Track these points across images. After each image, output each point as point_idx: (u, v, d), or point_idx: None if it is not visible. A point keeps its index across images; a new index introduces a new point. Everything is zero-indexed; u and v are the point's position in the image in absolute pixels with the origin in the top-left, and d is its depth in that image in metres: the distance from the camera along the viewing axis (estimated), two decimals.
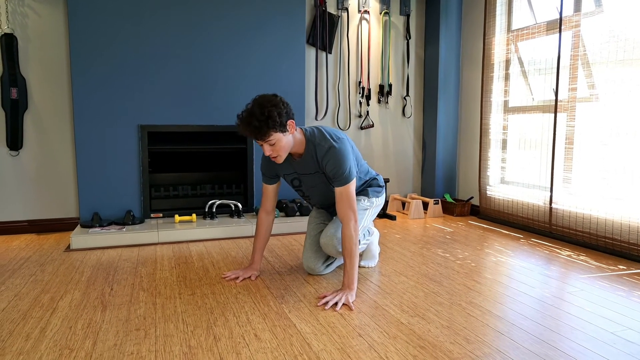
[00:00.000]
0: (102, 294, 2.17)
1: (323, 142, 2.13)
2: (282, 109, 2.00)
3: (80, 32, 3.28)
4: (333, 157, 2.11)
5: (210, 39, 3.58)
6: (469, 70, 4.27)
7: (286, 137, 2.07)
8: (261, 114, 1.96)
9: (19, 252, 2.93)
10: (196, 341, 1.69)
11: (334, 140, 2.13)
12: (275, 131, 2.00)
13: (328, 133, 2.17)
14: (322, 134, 2.16)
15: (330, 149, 2.11)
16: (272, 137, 2.01)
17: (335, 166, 2.11)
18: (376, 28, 4.31)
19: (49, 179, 3.51)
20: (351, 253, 2.10)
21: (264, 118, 1.96)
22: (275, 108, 1.98)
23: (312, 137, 2.16)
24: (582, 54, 3.13)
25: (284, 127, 2.03)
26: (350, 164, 2.12)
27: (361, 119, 4.35)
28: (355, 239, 2.10)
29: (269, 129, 1.98)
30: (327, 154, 2.12)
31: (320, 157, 2.15)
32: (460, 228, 3.69)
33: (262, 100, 2.00)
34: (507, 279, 2.42)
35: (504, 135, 3.89)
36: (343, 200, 2.12)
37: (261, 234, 2.42)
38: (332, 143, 2.12)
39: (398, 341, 1.70)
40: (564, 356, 1.59)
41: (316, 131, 2.18)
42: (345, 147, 2.13)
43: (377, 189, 2.47)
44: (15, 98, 3.32)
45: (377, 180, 2.49)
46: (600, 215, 3.02)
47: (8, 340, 1.70)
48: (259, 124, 1.96)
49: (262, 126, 1.97)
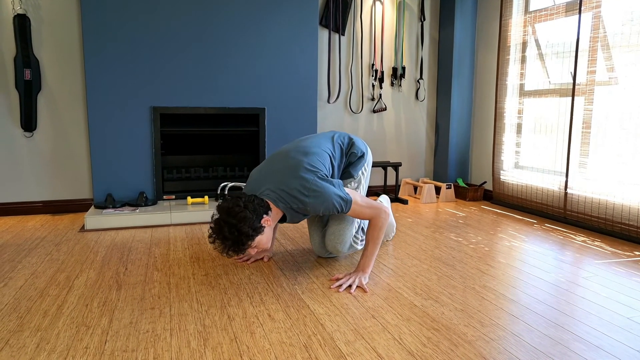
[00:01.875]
0: (116, 274, 2.20)
1: (303, 204, 1.96)
2: (250, 217, 1.86)
3: (93, 13, 3.26)
4: (325, 209, 1.98)
5: (223, 20, 3.54)
6: (484, 52, 4.20)
7: (265, 233, 1.95)
8: (231, 233, 1.84)
9: (34, 232, 2.97)
10: (210, 320, 1.71)
11: (309, 197, 1.95)
12: (252, 240, 1.90)
13: (299, 192, 1.95)
14: (294, 198, 1.96)
15: (317, 206, 1.96)
16: (252, 245, 1.91)
17: (332, 209, 1.99)
18: (390, 9, 4.24)
19: (62, 160, 3.54)
20: (375, 240, 2.09)
21: (235, 236, 1.85)
22: (244, 221, 1.85)
23: (287, 204, 1.99)
24: (602, 35, 3.06)
25: (260, 229, 1.91)
26: (338, 198, 1.97)
27: (374, 102, 4.31)
28: (382, 228, 2.08)
29: (245, 242, 1.87)
30: (318, 210, 1.98)
31: (310, 212, 2.01)
32: (472, 213, 3.67)
33: (226, 217, 1.86)
34: (521, 264, 2.40)
35: (519, 119, 3.83)
36: (360, 213, 2.05)
37: None
38: (312, 201, 1.95)
39: (412, 323, 1.70)
40: (579, 340, 1.58)
41: (284, 195, 1.98)
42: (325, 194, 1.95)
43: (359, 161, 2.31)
44: (28, 79, 3.33)
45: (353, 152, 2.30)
46: (617, 201, 2.97)
47: (26, 316, 1.73)
48: (233, 244, 1.86)
49: (238, 243, 1.86)
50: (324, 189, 1.96)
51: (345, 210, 2.02)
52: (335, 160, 2.22)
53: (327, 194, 1.96)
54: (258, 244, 1.94)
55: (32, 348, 1.50)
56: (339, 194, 1.99)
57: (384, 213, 2.08)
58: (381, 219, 2.08)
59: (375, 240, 2.10)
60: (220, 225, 1.86)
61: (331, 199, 1.96)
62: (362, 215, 2.07)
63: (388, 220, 2.10)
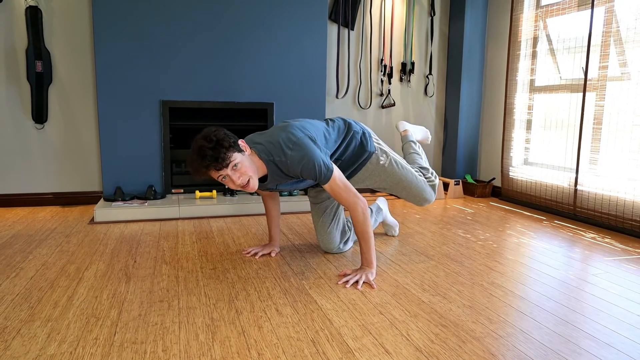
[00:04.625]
0: (125, 266, 2.21)
1: (283, 157, 1.95)
2: (226, 133, 1.88)
3: (104, 6, 3.27)
4: (303, 166, 1.94)
5: (232, 14, 3.54)
6: (494, 48, 4.16)
7: (246, 157, 1.92)
8: (209, 142, 1.83)
9: (45, 223, 3.00)
10: (218, 314, 1.72)
11: (291, 149, 1.94)
12: (232, 151, 1.86)
13: (282, 143, 1.96)
14: (277, 148, 1.96)
15: (295, 160, 1.94)
16: (232, 158, 1.86)
17: (310, 172, 1.94)
18: (400, 4, 4.21)
19: (73, 152, 3.56)
20: (365, 235, 2.05)
21: (214, 144, 1.83)
22: (219, 132, 1.86)
23: (270, 157, 1.97)
24: (614, 30, 3.02)
25: (238, 146, 1.90)
26: (320, 161, 1.94)
27: (382, 98, 4.29)
28: (367, 221, 2.03)
29: (226, 150, 1.84)
30: (296, 166, 1.94)
31: (290, 171, 1.99)
32: (481, 209, 3.65)
33: (202, 134, 1.88)
34: (530, 260, 2.39)
35: (528, 115, 3.80)
36: (338, 193, 2.00)
37: (271, 213, 2.44)
38: (292, 154, 1.93)
39: (419, 319, 1.70)
40: (588, 337, 1.57)
41: (270, 148, 1.98)
42: (307, 149, 1.94)
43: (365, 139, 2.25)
44: (40, 71, 3.35)
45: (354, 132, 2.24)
46: (628, 198, 2.95)
47: (37, 307, 1.75)
48: (212, 152, 1.82)
49: (217, 150, 1.82)
50: (308, 147, 1.94)
51: (324, 179, 1.96)
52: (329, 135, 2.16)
53: (311, 152, 1.93)
54: (241, 165, 1.88)
55: (43, 338, 1.52)
56: (323, 159, 1.95)
57: (362, 205, 2.01)
58: (359, 211, 2.01)
59: (364, 235, 2.05)
60: (197, 142, 1.85)
61: (313, 159, 1.92)
62: (340, 195, 2.00)
63: (368, 215, 2.03)
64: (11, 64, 3.34)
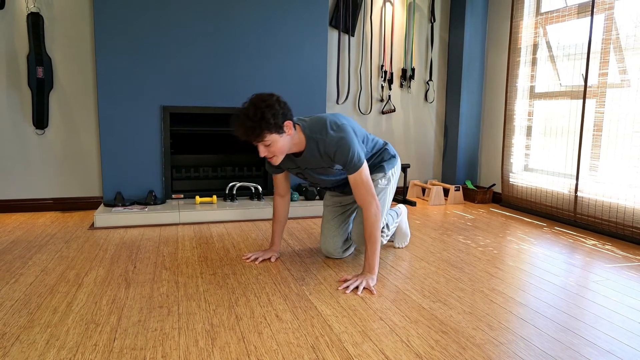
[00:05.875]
0: (125, 272, 2.21)
1: (325, 135, 2.04)
2: (277, 110, 1.92)
3: (105, 13, 3.29)
4: (339, 148, 2.02)
5: (233, 20, 3.55)
6: (494, 54, 4.18)
7: (283, 138, 1.97)
8: (254, 114, 1.89)
9: (44, 228, 3.00)
10: (218, 320, 1.71)
11: (334, 130, 2.04)
12: (269, 132, 1.92)
13: (327, 123, 2.06)
14: (321, 126, 2.05)
15: (333, 140, 2.02)
16: (266, 138, 1.93)
17: (343, 156, 2.02)
18: (400, 10, 4.23)
19: (73, 158, 3.57)
20: (373, 238, 2.08)
21: (257, 119, 1.89)
22: (270, 109, 1.90)
23: (312, 134, 2.05)
24: (614, 38, 3.03)
25: (280, 129, 1.95)
26: (356, 149, 2.03)
27: (383, 104, 4.30)
28: (377, 223, 2.07)
29: (262, 130, 1.90)
30: (332, 146, 2.03)
31: (325, 151, 2.06)
32: (481, 215, 3.65)
33: (257, 100, 1.93)
34: (530, 267, 2.38)
35: (529, 121, 3.81)
36: (359, 187, 2.06)
37: (278, 217, 2.43)
38: (333, 135, 2.03)
39: (420, 326, 1.69)
40: (589, 345, 1.57)
41: (314, 125, 2.07)
42: (347, 134, 2.04)
43: (391, 161, 2.38)
44: (41, 77, 3.36)
45: (387, 150, 2.39)
46: (628, 204, 2.94)
47: (36, 312, 1.75)
48: (252, 124, 1.89)
49: (255, 127, 1.89)
50: (349, 134, 2.04)
51: (352, 168, 2.03)
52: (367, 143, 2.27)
53: (350, 138, 2.03)
54: (273, 143, 1.95)
55: (42, 344, 1.51)
56: (358, 149, 2.04)
57: (376, 206, 2.06)
58: (372, 210, 2.05)
59: (371, 237, 2.07)
60: (248, 105, 1.93)
61: (350, 144, 2.01)
62: (360, 189, 2.05)
63: (380, 218, 2.07)
64: (12, 69, 3.36)
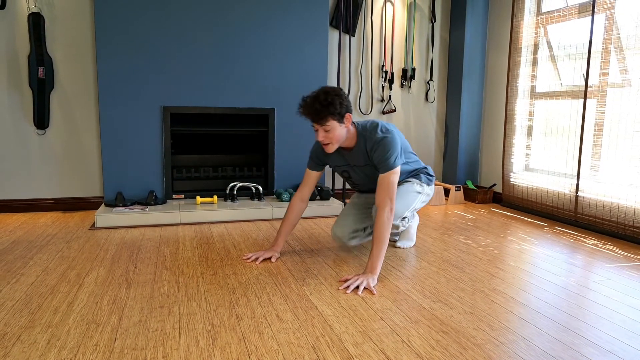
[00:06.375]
0: (126, 272, 2.21)
1: (372, 134, 2.26)
2: (344, 101, 2.15)
3: (106, 12, 3.29)
4: (380, 146, 2.22)
5: (234, 21, 3.56)
6: (495, 54, 4.18)
7: (341, 127, 2.18)
8: (324, 99, 2.10)
9: (45, 229, 3.00)
10: (219, 320, 1.71)
11: (382, 132, 2.25)
12: (333, 118, 2.13)
13: (379, 126, 2.28)
14: (373, 127, 2.28)
15: (378, 139, 2.23)
16: (329, 123, 2.13)
17: (381, 153, 2.21)
18: (401, 10, 4.23)
19: (74, 158, 3.57)
20: (381, 238, 2.11)
21: (326, 103, 2.10)
22: (338, 97, 2.13)
23: (364, 131, 2.28)
24: (615, 37, 3.03)
25: (342, 118, 2.16)
26: (395, 153, 2.21)
27: (383, 104, 4.30)
28: (387, 225, 2.13)
29: (328, 114, 2.11)
30: (375, 143, 2.23)
31: (369, 148, 2.26)
32: (482, 215, 3.65)
33: (329, 88, 2.16)
34: (531, 267, 2.38)
35: (529, 121, 3.80)
36: (383, 186, 2.18)
37: (290, 218, 2.46)
38: (380, 135, 2.24)
39: (420, 326, 1.69)
40: (590, 345, 1.57)
41: (368, 125, 2.30)
42: (392, 137, 2.23)
43: (429, 177, 2.56)
44: (42, 77, 3.37)
45: (427, 169, 2.58)
46: (629, 204, 2.94)
47: (37, 313, 1.75)
48: (320, 107, 2.10)
49: (322, 110, 2.10)
50: (393, 138, 2.24)
51: (385, 166, 2.20)
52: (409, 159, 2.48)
53: (392, 141, 2.23)
54: (332, 130, 2.15)
55: (43, 344, 1.51)
56: (398, 154, 2.23)
57: (391, 210, 2.15)
58: (386, 210, 2.14)
59: (379, 237, 2.11)
60: (320, 91, 2.15)
61: (390, 145, 2.21)
62: (383, 188, 2.18)
63: (391, 221, 2.16)
64: (13, 69, 3.36)
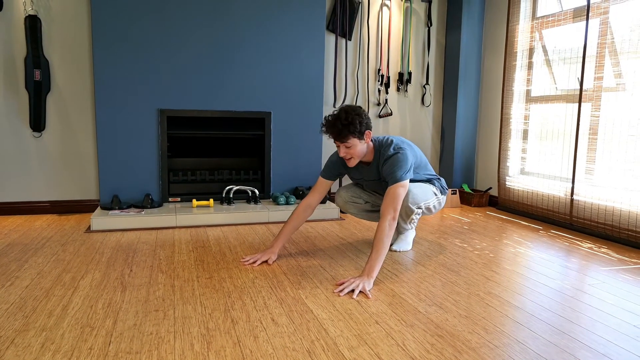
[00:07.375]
0: (121, 275, 2.21)
1: (386, 151, 2.38)
2: (363, 119, 2.27)
3: (103, 15, 3.29)
4: (390, 161, 2.33)
5: (230, 24, 3.56)
6: (490, 58, 4.20)
7: (361, 144, 2.32)
8: (345, 119, 2.23)
9: (41, 231, 2.99)
10: (214, 324, 1.71)
11: (394, 149, 2.37)
12: (354, 136, 2.26)
13: (393, 143, 2.39)
14: (387, 144, 2.40)
15: (390, 155, 2.35)
16: (350, 140, 2.27)
17: (389, 167, 2.31)
18: (397, 15, 4.25)
19: (70, 160, 3.56)
20: (380, 244, 2.13)
21: (347, 123, 2.22)
22: (359, 117, 2.25)
23: (380, 147, 2.41)
24: (609, 42, 3.05)
25: (362, 135, 2.29)
26: (404, 169, 2.29)
27: (379, 107, 4.31)
28: (389, 233, 2.16)
29: (349, 132, 2.24)
30: (386, 160, 2.35)
31: (381, 163, 2.38)
32: (478, 218, 3.66)
33: (349, 108, 2.28)
34: (526, 270, 2.39)
35: (525, 125, 3.82)
36: (389, 196, 2.24)
37: (293, 222, 2.48)
38: (392, 152, 2.36)
39: (415, 329, 1.69)
40: (585, 348, 1.57)
41: (384, 141, 2.42)
42: (403, 155, 2.34)
43: (443, 187, 2.69)
44: (38, 80, 3.36)
45: (441, 181, 2.70)
46: (624, 208, 2.96)
47: (32, 316, 1.74)
48: (341, 126, 2.23)
49: (343, 129, 2.23)
50: (404, 155, 2.34)
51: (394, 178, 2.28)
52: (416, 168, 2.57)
53: (403, 158, 2.33)
54: (353, 147, 2.29)
55: (37, 348, 1.51)
56: (407, 171, 2.32)
57: (393, 219, 2.19)
58: (388, 218, 2.18)
59: (379, 244, 2.13)
60: (341, 110, 2.27)
61: (400, 162, 2.31)
62: (389, 197, 2.24)
63: (393, 230, 2.19)
64: (10, 72, 3.35)
